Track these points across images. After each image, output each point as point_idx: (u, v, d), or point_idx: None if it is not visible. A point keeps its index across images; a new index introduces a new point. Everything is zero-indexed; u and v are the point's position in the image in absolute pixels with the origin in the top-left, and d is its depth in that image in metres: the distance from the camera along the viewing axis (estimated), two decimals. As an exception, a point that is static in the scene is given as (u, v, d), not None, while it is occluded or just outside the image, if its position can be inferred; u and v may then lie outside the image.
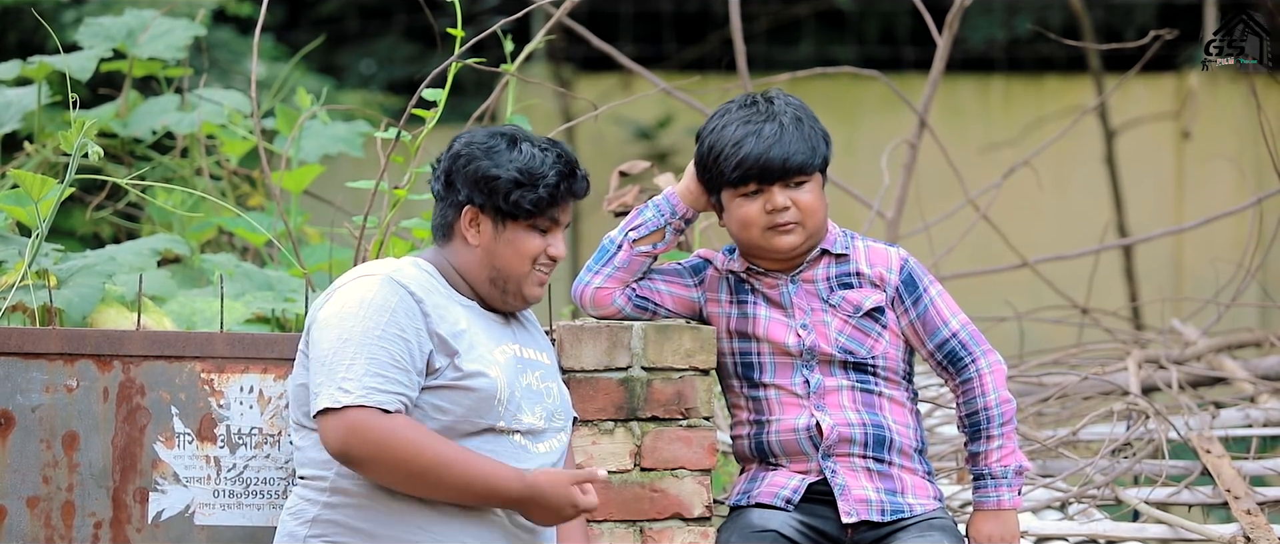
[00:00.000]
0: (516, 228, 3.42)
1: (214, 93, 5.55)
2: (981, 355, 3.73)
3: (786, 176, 3.67)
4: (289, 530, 3.38)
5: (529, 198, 3.40)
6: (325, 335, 3.32)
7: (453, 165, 3.43)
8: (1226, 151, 9.39)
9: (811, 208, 3.68)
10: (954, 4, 5.75)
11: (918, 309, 3.72)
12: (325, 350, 3.31)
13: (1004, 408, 3.72)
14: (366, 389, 3.26)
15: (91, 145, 3.77)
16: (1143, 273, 9.25)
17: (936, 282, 3.77)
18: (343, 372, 3.27)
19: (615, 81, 9.67)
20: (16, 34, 8.05)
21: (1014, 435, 3.73)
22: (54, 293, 3.88)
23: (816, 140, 3.69)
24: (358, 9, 10.61)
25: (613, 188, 4.84)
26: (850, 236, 3.77)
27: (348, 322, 3.31)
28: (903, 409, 3.73)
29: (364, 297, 3.33)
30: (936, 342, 3.72)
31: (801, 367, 3.71)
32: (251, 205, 5.80)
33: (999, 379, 3.72)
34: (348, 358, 3.27)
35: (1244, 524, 4.34)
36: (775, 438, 3.71)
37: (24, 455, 3.59)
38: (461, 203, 3.42)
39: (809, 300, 3.72)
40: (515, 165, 3.39)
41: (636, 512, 3.74)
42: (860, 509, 3.68)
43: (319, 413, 3.28)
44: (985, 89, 10.17)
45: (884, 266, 3.73)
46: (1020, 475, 3.72)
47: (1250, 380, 5.66)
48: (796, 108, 3.71)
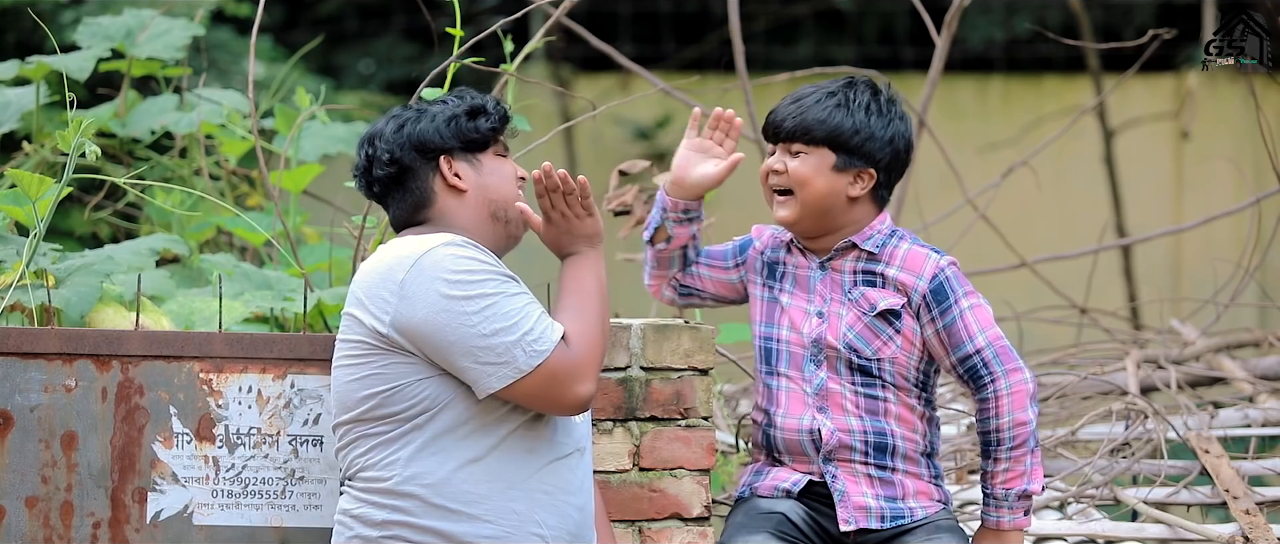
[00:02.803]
0: (488, 157, 3.47)
1: (213, 93, 5.55)
2: (1002, 375, 3.64)
3: (780, 138, 3.68)
4: (357, 533, 3.33)
5: (489, 122, 3.45)
6: (451, 323, 3.26)
7: (396, 139, 3.44)
8: (1225, 151, 9.39)
9: (803, 179, 3.66)
10: (953, 4, 5.75)
11: (944, 320, 3.65)
12: (475, 327, 3.26)
13: (1016, 431, 3.64)
14: (541, 331, 3.27)
15: (89, 145, 3.77)
16: (1141, 273, 9.25)
17: (975, 294, 3.68)
18: (518, 333, 3.26)
19: (614, 81, 9.67)
20: (15, 34, 8.05)
21: (1025, 459, 3.63)
22: (52, 293, 3.88)
23: (844, 121, 3.65)
24: (356, 9, 10.61)
25: (612, 187, 4.85)
26: (897, 237, 3.71)
27: (470, 289, 3.27)
28: (911, 415, 3.68)
29: (457, 264, 3.29)
30: (959, 356, 3.65)
31: (809, 359, 3.69)
32: (250, 205, 5.80)
33: (1017, 401, 3.63)
34: (509, 317, 3.26)
35: (1242, 524, 4.35)
36: (780, 435, 3.70)
37: (22, 455, 3.59)
38: (431, 157, 3.43)
39: (831, 289, 3.70)
40: (455, 106, 3.46)
41: (635, 511, 3.74)
42: (858, 517, 3.66)
43: (519, 379, 3.27)
44: (984, 89, 10.17)
45: (915, 273, 3.66)
46: (1025, 499, 3.65)
47: (1249, 380, 5.66)
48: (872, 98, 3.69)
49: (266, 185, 4.86)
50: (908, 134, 3.70)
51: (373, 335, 3.32)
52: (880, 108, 3.68)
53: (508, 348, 3.26)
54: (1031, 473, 3.65)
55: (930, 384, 3.73)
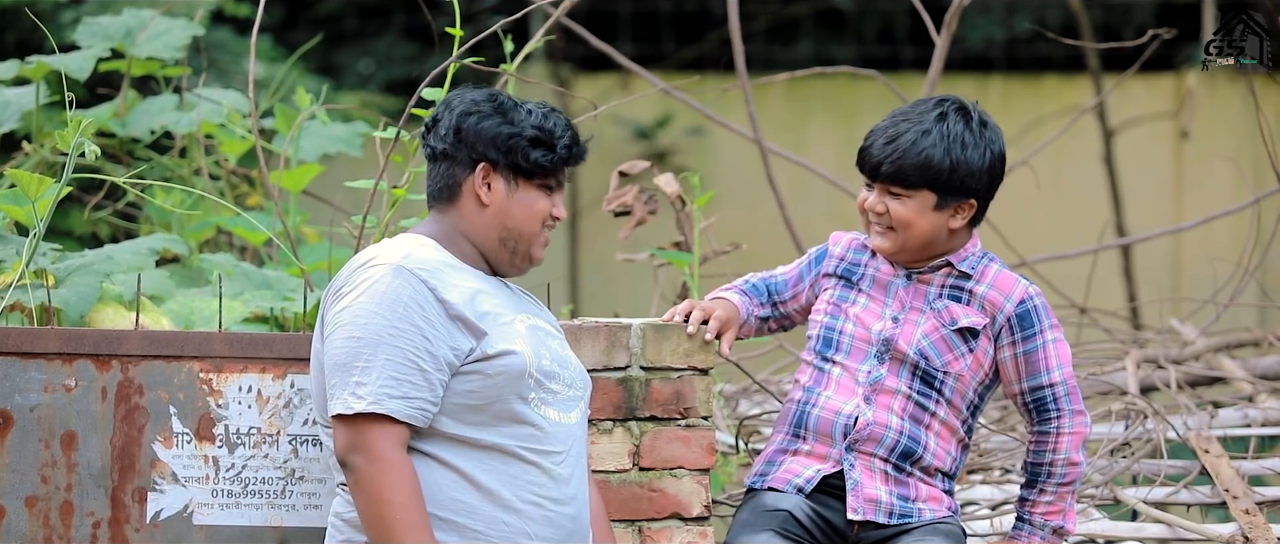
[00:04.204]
0: (529, 187, 3.40)
1: (212, 92, 5.55)
2: (1069, 414, 3.68)
3: (878, 179, 3.66)
4: (347, 537, 3.33)
5: (547, 157, 3.38)
6: (336, 336, 3.28)
7: (462, 122, 3.38)
8: (1225, 151, 9.39)
9: (906, 221, 3.65)
10: (952, 3, 5.75)
11: (1026, 345, 3.67)
12: (338, 352, 3.27)
13: (1068, 470, 3.68)
14: (379, 395, 3.22)
15: (89, 144, 3.77)
16: (1141, 272, 9.25)
17: (1059, 329, 3.71)
18: (357, 376, 3.24)
19: (614, 81, 9.67)
20: (15, 33, 8.05)
21: (1068, 497, 3.69)
22: (52, 292, 3.88)
23: (943, 162, 3.60)
24: (356, 9, 10.61)
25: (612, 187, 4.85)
26: (988, 260, 3.72)
27: (360, 319, 3.26)
28: (950, 436, 3.70)
29: (375, 291, 3.27)
30: (1032, 384, 3.68)
31: (873, 355, 3.69)
32: (250, 205, 5.80)
33: (1075, 441, 3.68)
34: (363, 360, 3.24)
35: (1242, 524, 4.34)
36: (815, 413, 3.69)
37: (22, 455, 3.59)
38: (475, 160, 3.38)
39: (914, 298, 3.70)
40: (531, 124, 3.38)
41: (635, 511, 3.74)
42: (867, 508, 3.66)
43: (334, 416, 3.26)
44: (984, 88, 10.17)
45: (1004, 294, 3.68)
46: (1058, 535, 3.70)
47: (1249, 380, 5.66)
48: (965, 128, 3.64)
49: (266, 185, 4.86)
50: (1002, 152, 3.68)
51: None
52: (975, 136, 3.64)
53: (345, 383, 3.25)
54: (1068, 512, 3.71)
55: (979, 411, 3.75)
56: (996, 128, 3.70)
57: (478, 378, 3.29)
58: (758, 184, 3.67)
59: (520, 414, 3.32)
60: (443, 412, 3.29)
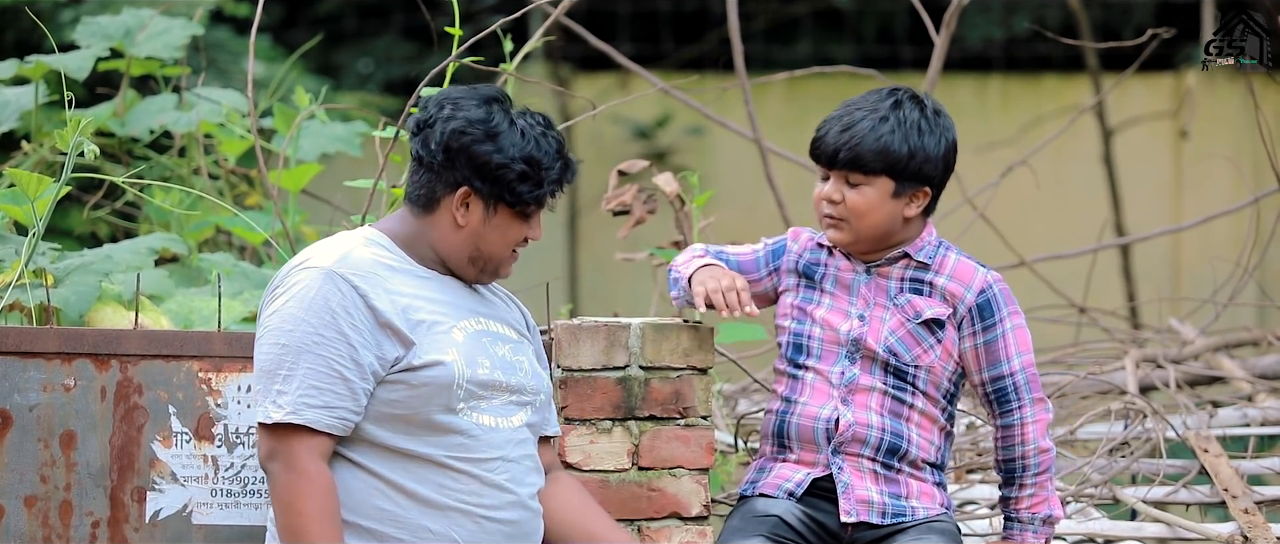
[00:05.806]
0: (507, 214, 3.36)
1: (212, 92, 5.55)
2: (1030, 403, 3.68)
3: (835, 167, 3.64)
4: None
5: (532, 192, 3.35)
6: (264, 340, 3.27)
7: (453, 141, 3.31)
8: (1224, 151, 9.39)
9: (862, 211, 3.63)
10: (951, 3, 5.75)
11: (987, 335, 3.67)
12: (264, 358, 3.26)
13: (1041, 458, 3.68)
14: (299, 404, 3.22)
15: (88, 144, 3.77)
16: (1140, 272, 9.25)
17: (1019, 314, 3.71)
18: (279, 384, 3.24)
19: (613, 80, 9.67)
20: (14, 33, 8.05)
21: (1047, 485, 3.69)
22: (51, 292, 3.88)
23: (900, 147, 3.60)
24: (355, 8, 10.60)
25: (611, 187, 4.85)
26: (945, 248, 3.72)
27: (286, 325, 3.24)
28: (931, 426, 3.69)
29: (303, 296, 3.25)
30: (992, 374, 3.67)
31: (844, 356, 3.68)
32: (249, 204, 5.80)
33: (1041, 429, 3.68)
34: (285, 368, 3.23)
35: (1241, 523, 4.35)
36: (795, 422, 3.69)
37: (21, 455, 3.59)
38: (458, 182, 3.34)
39: (876, 294, 3.69)
40: (520, 152, 3.32)
41: (634, 511, 3.74)
42: (860, 510, 3.66)
43: (258, 423, 3.26)
44: (983, 88, 10.17)
45: (964, 284, 3.68)
46: (1048, 524, 3.69)
47: (1248, 379, 5.66)
48: (921, 115, 3.64)
49: (265, 184, 4.86)
50: (955, 141, 3.69)
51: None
52: (930, 124, 3.65)
53: (267, 391, 3.26)
54: (1052, 499, 3.70)
55: (956, 397, 3.74)
56: (950, 117, 3.71)
57: (402, 388, 3.27)
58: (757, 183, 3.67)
59: (447, 424, 3.29)
60: (370, 419, 3.28)
